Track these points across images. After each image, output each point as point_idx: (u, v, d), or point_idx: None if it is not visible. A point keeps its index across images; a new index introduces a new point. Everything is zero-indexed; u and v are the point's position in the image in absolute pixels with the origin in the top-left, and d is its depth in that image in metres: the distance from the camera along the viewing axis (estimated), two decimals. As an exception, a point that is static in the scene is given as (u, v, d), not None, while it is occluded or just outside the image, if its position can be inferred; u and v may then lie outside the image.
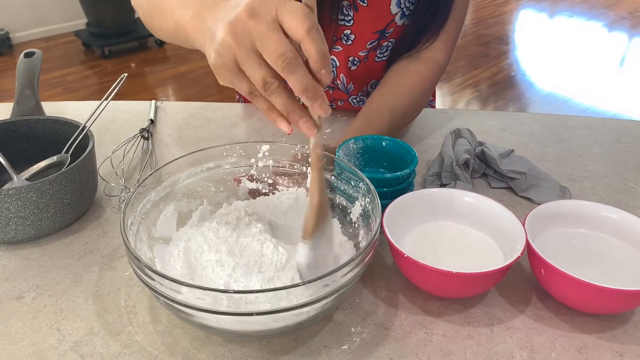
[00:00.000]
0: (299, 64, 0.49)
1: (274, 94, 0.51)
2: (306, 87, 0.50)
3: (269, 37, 0.48)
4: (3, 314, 0.62)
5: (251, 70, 0.50)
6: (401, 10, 0.89)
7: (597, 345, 0.59)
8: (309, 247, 0.56)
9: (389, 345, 0.58)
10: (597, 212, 0.68)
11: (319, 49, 0.48)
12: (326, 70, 0.50)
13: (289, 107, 0.52)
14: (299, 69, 0.49)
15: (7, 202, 0.66)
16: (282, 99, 0.51)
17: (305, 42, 0.48)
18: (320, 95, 0.51)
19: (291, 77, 0.49)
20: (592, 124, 1.04)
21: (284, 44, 0.48)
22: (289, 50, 0.48)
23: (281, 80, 0.51)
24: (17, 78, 0.88)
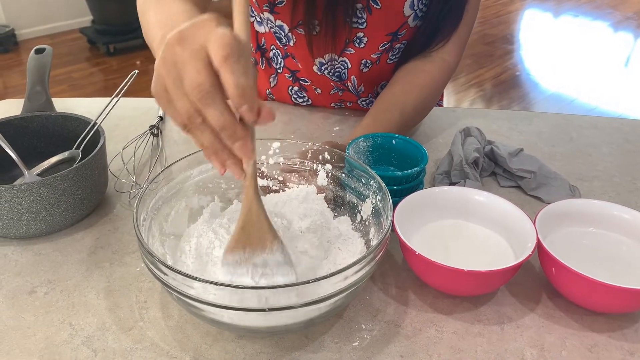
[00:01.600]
0: (217, 98, 0.44)
1: (199, 129, 0.46)
2: (223, 124, 0.45)
3: (190, 66, 0.44)
4: (16, 308, 0.62)
5: (176, 101, 0.46)
6: (414, 12, 0.89)
7: (608, 344, 0.59)
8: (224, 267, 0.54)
9: (400, 342, 0.58)
10: (608, 211, 0.68)
11: (236, 82, 0.44)
12: (248, 107, 0.45)
13: (215, 146, 0.47)
14: (217, 103, 0.45)
15: (19, 197, 0.67)
16: (207, 136, 0.47)
17: (221, 71, 0.44)
18: (240, 137, 0.46)
19: (207, 112, 0.45)
20: (600, 124, 1.04)
21: (203, 74, 0.44)
22: (207, 81, 0.44)
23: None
24: (27, 74, 0.88)
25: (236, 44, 0.44)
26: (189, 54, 0.45)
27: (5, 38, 3.82)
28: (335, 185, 0.70)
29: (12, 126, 0.80)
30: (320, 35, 0.90)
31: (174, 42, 0.45)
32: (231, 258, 0.54)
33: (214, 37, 0.44)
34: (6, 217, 0.67)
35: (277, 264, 0.54)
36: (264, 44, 1.04)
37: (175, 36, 0.46)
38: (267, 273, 0.54)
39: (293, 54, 0.99)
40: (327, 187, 0.71)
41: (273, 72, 1.07)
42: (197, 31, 0.45)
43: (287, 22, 0.92)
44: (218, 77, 0.45)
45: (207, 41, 0.44)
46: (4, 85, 3.45)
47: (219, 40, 0.44)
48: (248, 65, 0.45)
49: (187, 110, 0.46)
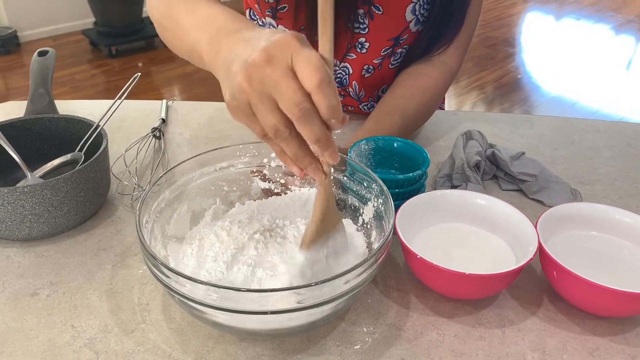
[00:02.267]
0: (314, 115, 0.48)
1: (285, 141, 0.51)
2: (318, 137, 0.49)
3: (286, 86, 0.48)
4: (18, 310, 0.62)
5: (264, 116, 0.50)
6: (416, 17, 0.89)
7: (610, 348, 0.59)
8: (304, 258, 0.58)
9: (401, 345, 0.58)
10: (610, 215, 0.68)
11: (329, 104, 0.48)
12: (336, 120, 0.49)
13: (299, 155, 0.52)
14: (314, 120, 0.49)
15: (22, 200, 0.67)
16: (293, 147, 0.52)
17: (315, 95, 0.48)
18: (331, 145, 0.51)
19: (305, 128, 0.49)
20: (602, 127, 1.04)
21: (300, 94, 0.48)
22: (304, 100, 0.48)
23: (292, 128, 0.50)
24: (30, 77, 0.88)
25: (325, 68, 0.48)
26: (280, 74, 0.48)
27: (7, 40, 3.83)
28: (337, 188, 0.70)
29: (15, 128, 0.80)
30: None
31: (262, 62, 0.48)
32: (313, 249, 0.59)
33: (303, 59, 0.48)
34: (9, 219, 0.68)
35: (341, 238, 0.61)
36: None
37: (262, 56, 0.49)
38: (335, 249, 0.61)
39: None
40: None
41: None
42: (283, 50, 0.48)
43: (289, 27, 0.92)
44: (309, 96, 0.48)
45: (295, 62, 0.48)
46: (6, 87, 3.46)
47: (309, 64, 0.47)
48: (334, 84, 0.49)
49: (274, 125, 0.50)
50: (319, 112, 0.48)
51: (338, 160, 0.52)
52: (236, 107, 0.52)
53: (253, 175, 0.72)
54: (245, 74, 0.49)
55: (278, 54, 0.48)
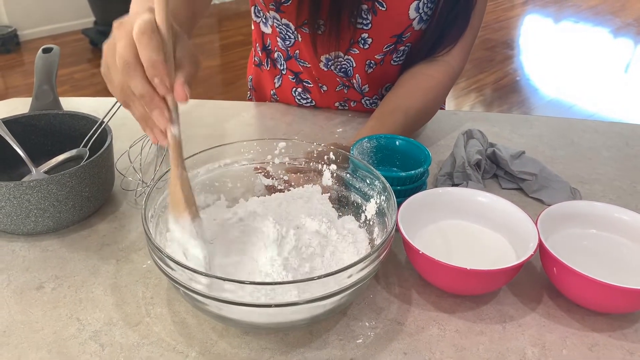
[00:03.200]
0: (138, 69, 0.51)
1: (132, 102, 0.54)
2: (141, 92, 0.52)
3: (120, 43, 0.52)
4: (24, 303, 0.63)
5: (114, 75, 0.54)
6: (419, 15, 0.90)
7: (608, 343, 0.60)
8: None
9: (403, 340, 0.59)
10: (609, 213, 0.69)
11: (148, 56, 0.50)
12: (158, 80, 0.51)
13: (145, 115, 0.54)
14: (137, 74, 0.51)
15: (27, 194, 0.67)
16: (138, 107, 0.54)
17: (137, 47, 0.51)
18: (157, 106, 0.53)
19: (130, 82, 0.52)
20: (600, 128, 1.05)
21: (128, 49, 0.51)
22: (129, 55, 0.51)
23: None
24: (35, 73, 0.89)
25: (150, 25, 0.51)
26: (122, 33, 0.52)
27: (7, 38, 3.83)
28: (340, 185, 0.71)
29: (20, 124, 0.81)
30: (325, 34, 0.91)
31: (115, 26, 0.54)
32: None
33: (138, 20, 0.51)
34: (14, 213, 0.68)
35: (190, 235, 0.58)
36: (269, 45, 1.05)
37: (117, 22, 0.54)
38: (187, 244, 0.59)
39: (300, 51, 1.00)
40: (331, 187, 0.72)
41: (278, 73, 1.08)
42: (132, 18, 0.53)
43: (293, 21, 0.93)
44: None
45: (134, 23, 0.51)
46: (5, 85, 3.46)
47: (138, 22, 0.51)
48: (161, 45, 0.51)
49: (120, 83, 0.53)
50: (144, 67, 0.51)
51: (165, 124, 0.53)
52: (103, 74, 0.56)
53: (257, 172, 0.73)
54: (107, 42, 0.55)
55: (127, 20, 0.53)
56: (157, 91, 0.52)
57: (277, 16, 0.94)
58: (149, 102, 0.52)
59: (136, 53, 0.51)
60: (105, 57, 0.55)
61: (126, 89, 0.53)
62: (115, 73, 0.53)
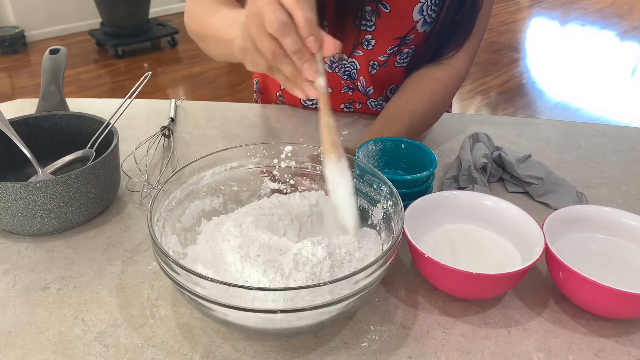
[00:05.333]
0: (291, 28, 0.56)
1: (282, 62, 0.59)
2: (296, 49, 0.57)
3: (268, 9, 0.56)
4: (29, 304, 0.63)
5: (261, 42, 0.58)
6: (423, 17, 0.90)
7: (615, 349, 0.59)
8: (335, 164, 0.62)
9: (408, 344, 0.59)
10: (616, 218, 0.69)
11: (304, 16, 0.56)
12: (313, 38, 0.57)
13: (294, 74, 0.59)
14: (291, 33, 0.56)
15: (34, 195, 0.68)
16: (289, 66, 0.59)
17: (293, 10, 0.56)
18: (307, 59, 0.58)
19: (284, 40, 0.57)
20: (607, 132, 1.04)
21: (278, 12, 0.56)
22: (282, 16, 0.56)
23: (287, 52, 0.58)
24: (42, 74, 0.89)
25: None
26: (266, 2, 0.56)
27: (14, 39, 3.85)
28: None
29: (27, 125, 0.81)
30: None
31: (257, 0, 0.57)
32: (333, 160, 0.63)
33: None
34: (21, 214, 0.69)
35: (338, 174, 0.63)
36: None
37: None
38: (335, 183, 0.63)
39: None
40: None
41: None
42: None
43: None
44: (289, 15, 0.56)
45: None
46: (13, 86, 3.48)
47: None
48: (313, 3, 0.58)
49: (270, 47, 0.58)
50: (298, 26, 0.56)
51: (314, 75, 0.59)
52: (244, 47, 0.61)
53: (263, 176, 0.73)
54: (247, 14, 0.59)
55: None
56: (310, 47, 0.58)
57: None
58: (302, 57, 0.58)
59: (289, 14, 0.56)
60: (247, 28, 0.59)
61: (277, 52, 0.58)
62: (263, 39, 0.58)
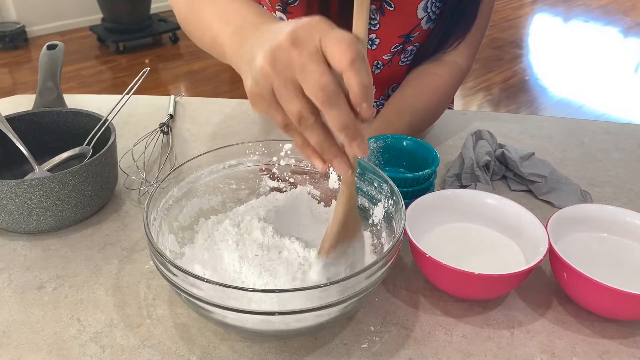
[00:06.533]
0: (341, 98, 0.45)
1: (309, 129, 0.48)
2: (346, 124, 0.46)
3: (311, 68, 0.45)
4: (25, 303, 0.62)
5: (287, 101, 0.47)
6: (427, 14, 0.89)
7: (619, 351, 0.58)
8: (322, 265, 0.55)
9: (409, 345, 0.58)
10: (620, 217, 0.68)
11: (362, 82, 0.45)
12: (367, 105, 0.46)
13: (324, 145, 0.48)
14: (341, 104, 0.45)
15: (29, 193, 0.67)
16: (318, 135, 0.48)
17: (347, 72, 0.44)
18: (360, 135, 0.47)
19: (331, 112, 0.46)
20: (612, 129, 1.03)
21: (327, 76, 0.45)
22: (331, 83, 0.45)
23: (318, 116, 0.47)
24: (39, 70, 0.88)
25: (359, 45, 0.45)
26: (307, 56, 0.45)
27: (15, 35, 3.85)
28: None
29: (24, 121, 0.80)
30: None
31: (288, 44, 0.46)
32: (332, 256, 0.55)
33: (332, 38, 0.45)
34: (16, 212, 0.68)
35: (361, 248, 0.58)
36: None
37: (288, 38, 0.46)
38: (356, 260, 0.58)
39: None
40: (338, 190, 0.70)
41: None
42: (311, 32, 0.46)
43: None
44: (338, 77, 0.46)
45: (325, 43, 0.45)
46: (13, 81, 3.47)
47: (343, 42, 0.45)
48: (367, 63, 0.46)
49: (299, 111, 0.47)
50: (351, 92, 0.45)
51: (367, 152, 0.49)
52: (258, 94, 0.48)
53: (262, 174, 0.72)
54: (270, 57, 0.46)
55: (305, 35, 0.46)
56: (362, 116, 0.47)
57: (284, 17, 0.93)
58: (353, 133, 0.46)
59: (338, 80, 0.45)
60: (269, 78, 0.47)
61: (306, 118, 0.47)
62: (290, 99, 0.47)
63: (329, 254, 0.55)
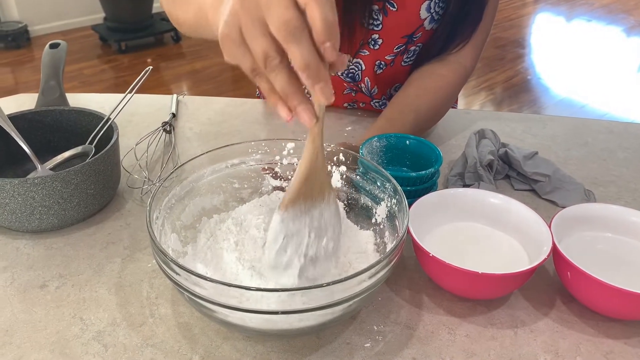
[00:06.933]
0: (305, 35, 0.43)
1: (275, 70, 0.46)
2: (308, 62, 0.44)
3: (276, 3, 0.43)
4: (27, 302, 0.62)
5: (253, 40, 0.45)
6: (430, 15, 0.89)
7: (624, 351, 0.58)
8: (280, 220, 0.52)
9: (412, 344, 0.58)
10: (625, 217, 0.67)
11: (325, 17, 0.43)
12: (331, 44, 0.44)
13: (289, 89, 0.46)
14: (303, 40, 0.43)
15: (32, 191, 0.67)
16: (283, 77, 0.46)
17: (309, 6, 0.43)
18: (324, 78, 0.45)
19: (293, 48, 0.44)
20: (615, 129, 1.03)
21: (291, 11, 0.43)
22: (294, 18, 0.43)
23: (284, 57, 0.45)
24: (42, 69, 0.88)
25: None
26: None
27: (18, 34, 3.85)
28: (350, 187, 0.70)
29: (26, 120, 0.80)
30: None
31: None
32: (291, 211, 0.52)
33: None
34: (19, 210, 0.68)
35: (330, 215, 0.54)
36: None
37: None
38: (322, 226, 0.54)
39: None
40: (341, 189, 0.70)
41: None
42: None
43: None
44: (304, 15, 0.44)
45: None
46: (16, 80, 3.48)
47: None
48: (333, 2, 0.44)
49: (264, 50, 0.45)
50: (313, 28, 0.44)
51: (332, 99, 0.46)
52: (226, 35, 0.47)
53: (264, 173, 0.71)
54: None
55: None
56: (326, 56, 0.44)
57: None
58: (315, 74, 0.44)
59: (302, 15, 0.43)
60: (237, 16, 0.45)
61: (272, 57, 0.45)
62: (256, 37, 0.45)
63: (287, 208, 0.52)
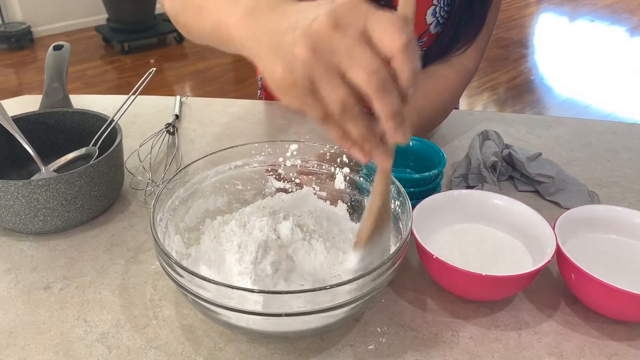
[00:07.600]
0: (393, 84, 0.42)
1: (352, 120, 0.44)
2: (396, 112, 0.42)
3: (360, 53, 0.41)
4: (31, 303, 0.62)
5: (330, 90, 0.42)
6: (436, 19, 0.88)
7: (628, 353, 0.58)
8: (360, 257, 0.52)
9: (416, 346, 0.58)
10: (629, 218, 0.67)
11: (414, 68, 0.42)
12: (413, 90, 0.43)
13: (367, 136, 0.45)
14: (393, 91, 0.42)
15: (36, 193, 0.67)
16: (360, 126, 0.44)
17: (399, 58, 0.41)
18: (406, 122, 0.44)
19: (384, 100, 0.42)
20: (619, 129, 1.02)
21: (377, 60, 0.41)
22: (382, 67, 0.41)
23: (360, 105, 0.44)
24: (45, 70, 0.88)
25: (410, 29, 0.42)
26: (352, 40, 0.41)
27: (21, 35, 3.86)
28: (353, 189, 0.70)
29: (30, 122, 0.80)
30: None
31: (329, 27, 0.41)
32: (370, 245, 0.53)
33: (379, 21, 0.41)
34: (23, 212, 0.68)
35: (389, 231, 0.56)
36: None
37: (328, 21, 0.42)
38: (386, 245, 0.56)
39: None
40: (344, 191, 0.70)
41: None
42: (354, 13, 0.42)
43: None
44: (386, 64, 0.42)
45: (372, 26, 0.42)
46: (19, 81, 3.48)
47: (393, 24, 0.41)
48: (417, 48, 0.43)
49: (342, 100, 0.43)
50: (402, 77, 0.42)
51: (409, 139, 0.45)
52: (292, 84, 0.43)
53: (268, 174, 0.71)
54: (309, 42, 0.42)
55: (347, 17, 0.42)
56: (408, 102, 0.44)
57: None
58: (402, 120, 0.43)
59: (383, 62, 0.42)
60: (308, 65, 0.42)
61: (350, 107, 0.43)
62: (334, 88, 0.42)
63: (366, 244, 0.52)
